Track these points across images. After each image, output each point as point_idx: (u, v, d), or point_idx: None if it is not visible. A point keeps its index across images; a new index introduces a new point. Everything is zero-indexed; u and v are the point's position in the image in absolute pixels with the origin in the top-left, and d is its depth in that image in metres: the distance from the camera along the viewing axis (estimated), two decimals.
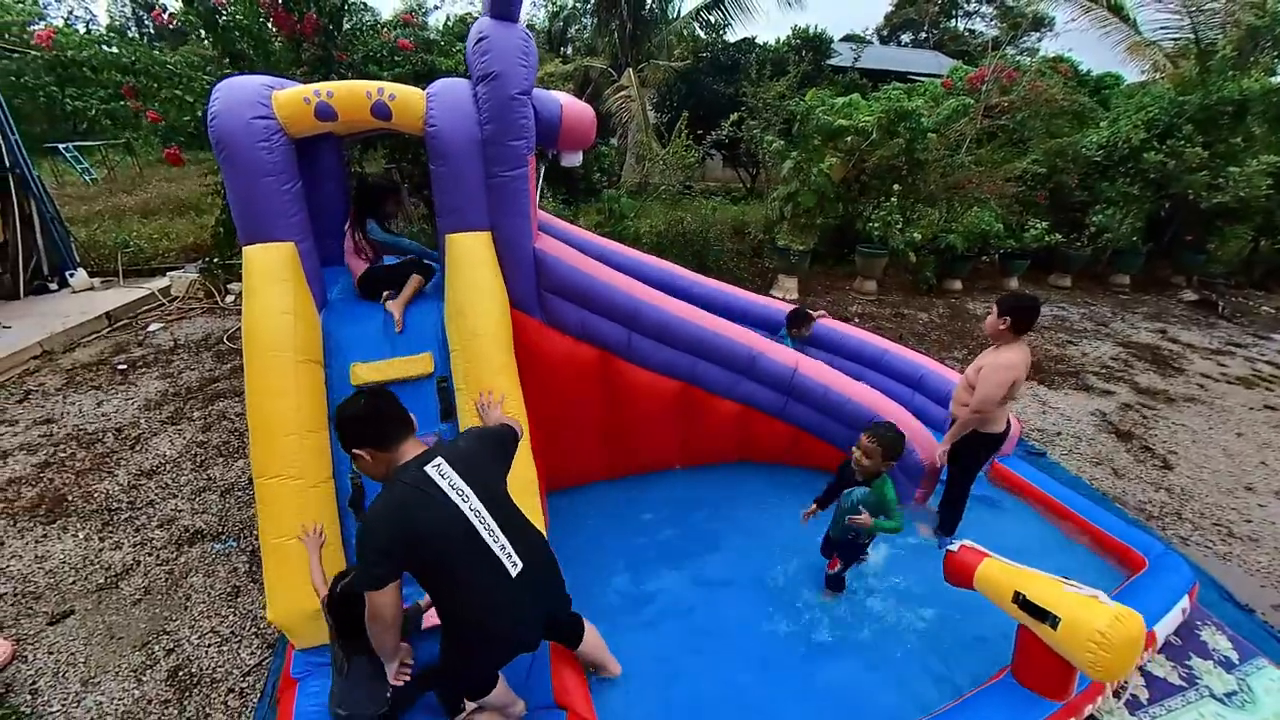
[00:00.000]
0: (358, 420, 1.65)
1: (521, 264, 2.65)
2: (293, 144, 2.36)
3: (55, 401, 4.67)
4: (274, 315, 2.26)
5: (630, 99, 9.76)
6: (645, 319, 3.02)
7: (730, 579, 2.97)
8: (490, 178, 2.42)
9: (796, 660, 2.52)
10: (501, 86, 2.27)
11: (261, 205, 2.29)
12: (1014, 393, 2.81)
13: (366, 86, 2.30)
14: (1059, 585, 1.96)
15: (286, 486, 2.13)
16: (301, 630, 2.10)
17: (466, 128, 2.33)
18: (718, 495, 3.58)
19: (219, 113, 2.19)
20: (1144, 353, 6.34)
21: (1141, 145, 7.58)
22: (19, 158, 6.38)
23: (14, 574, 3.09)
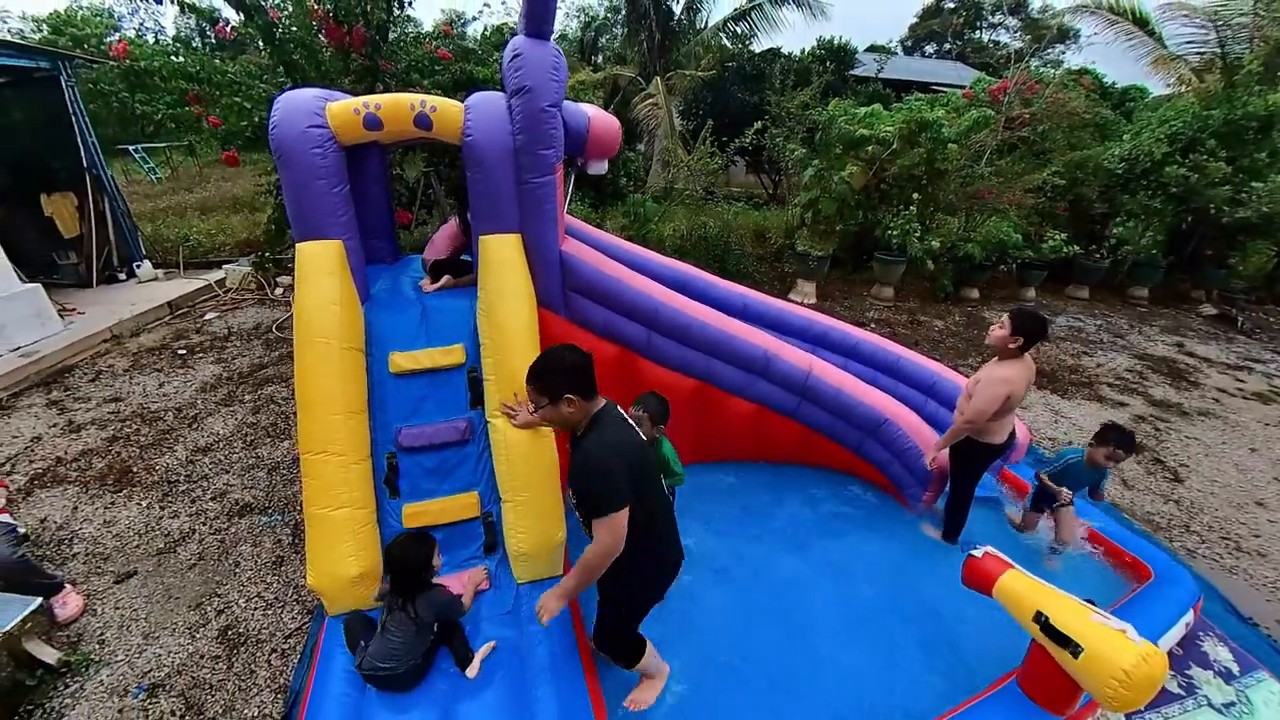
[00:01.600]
0: (579, 369, 1.72)
1: (548, 265, 2.73)
2: (343, 151, 2.48)
3: (122, 381, 4.94)
4: (323, 306, 2.39)
5: (658, 106, 9.80)
6: (664, 319, 3.08)
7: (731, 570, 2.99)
8: (521, 184, 2.51)
9: (794, 653, 2.51)
10: (533, 99, 2.35)
11: (314, 206, 2.42)
12: (1010, 405, 2.72)
13: (410, 99, 2.41)
14: (1086, 612, 1.87)
15: (330, 462, 2.25)
16: (337, 596, 2.22)
17: (500, 138, 2.41)
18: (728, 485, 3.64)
19: (279, 122, 2.32)
20: (1159, 365, 6.15)
21: (1164, 159, 7.32)
22: (96, 160, 6.72)
23: (85, 536, 3.30)
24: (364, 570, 2.22)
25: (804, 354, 3.57)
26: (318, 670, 2.13)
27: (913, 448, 3.32)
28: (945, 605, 2.73)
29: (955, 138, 6.94)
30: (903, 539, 3.26)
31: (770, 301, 4.28)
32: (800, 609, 2.73)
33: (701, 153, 7.45)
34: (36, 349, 5.27)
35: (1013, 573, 2.12)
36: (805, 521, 3.38)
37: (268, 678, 2.49)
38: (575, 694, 1.96)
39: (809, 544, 3.17)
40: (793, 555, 3.08)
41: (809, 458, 3.80)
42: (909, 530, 3.35)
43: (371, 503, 2.36)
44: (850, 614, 2.71)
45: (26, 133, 6.68)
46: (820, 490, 3.65)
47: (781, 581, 2.90)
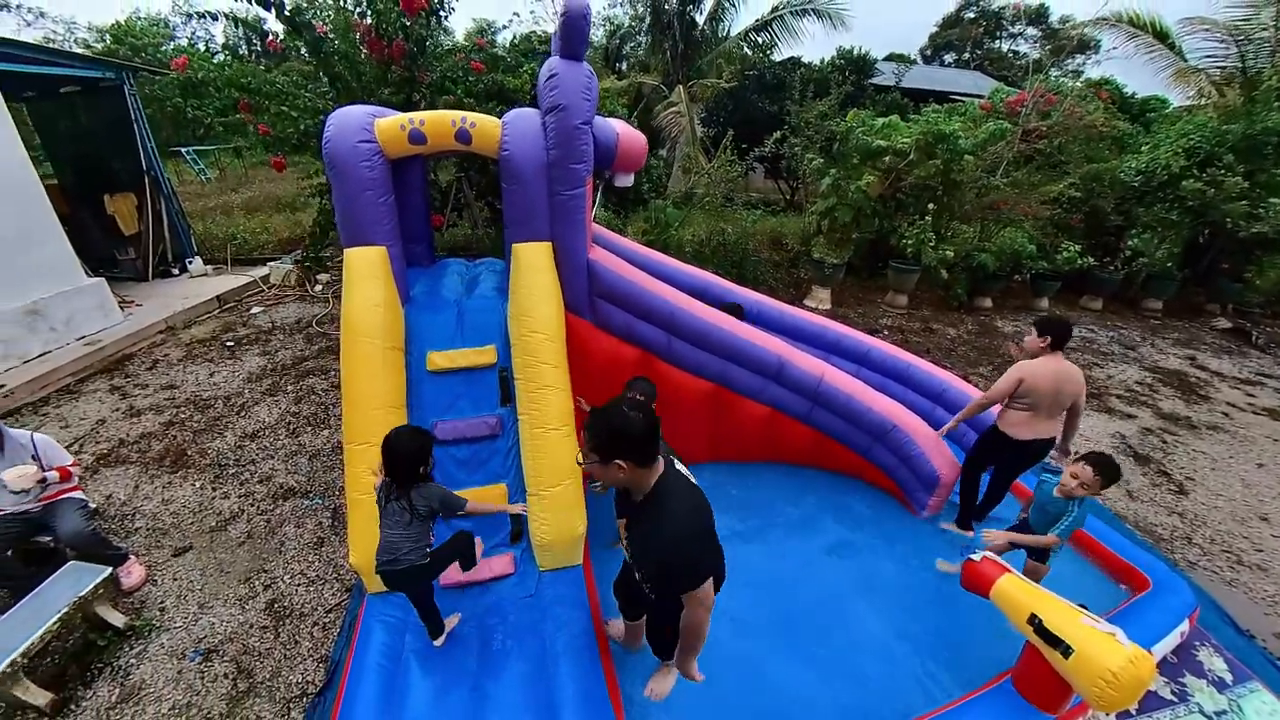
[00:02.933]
0: (637, 438, 1.51)
1: (576, 271, 2.83)
2: (389, 164, 2.59)
3: (177, 370, 5.16)
4: (368, 307, 2.51)
5: (680, 114, 9.84)
6: (682, 324, 3.15)
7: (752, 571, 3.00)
8: (553, 196, 2.60)
9: (796, 647, 2.55)
10: (567, 117, 2.44)
11: (362, 214, 2.54)
12: (1027, 395, 2.83)
13: (452, 116, 2.51)
14: (1077, 615, 1.92)
15: (371, 452, 2.36)
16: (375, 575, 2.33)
17: (535, 153, 2.51)
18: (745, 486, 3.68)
19: (332, 137, 2.44)
20: (1170, 378, 6.03)
21: (1181, 173, 7.15)
22: (154, 163, 7.00)
23: (146, 512, 3.49)
24: None
25: (817, 361, 3.62)
26: (357, 644, 2.25)
27: (919, 454, 3.36)
28: (945, 607, 2.76)
29: (972, 149, 6.87)
30: (905, 542, 3.28)
31: (785, 309, 4.34)
32: (801, 609, 2.76)
33: (723, 160, 7.48)
34: (100, 338, 5.53)
35: (1009, 577, 2.17)
36: (808, 523, 3.41)
37: (310, 648, 2.63)
38: (592, 675, 2.05)
39: (810, 545, 3.21)
40: (794, 556, 3.10)
41: (818, 461, 3.84)
42: (912, 533, 3.36)
43: None
44: (851, 614, 2.75)
45: (92, 137, 6.98)
46: (826, 493, 3.68)
47: (781, 582, 2.91)
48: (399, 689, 2.08)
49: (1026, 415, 2.90)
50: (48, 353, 5.23)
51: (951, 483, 3.38)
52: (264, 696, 2.46)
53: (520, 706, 1.98)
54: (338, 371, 5.13)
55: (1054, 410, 2.91)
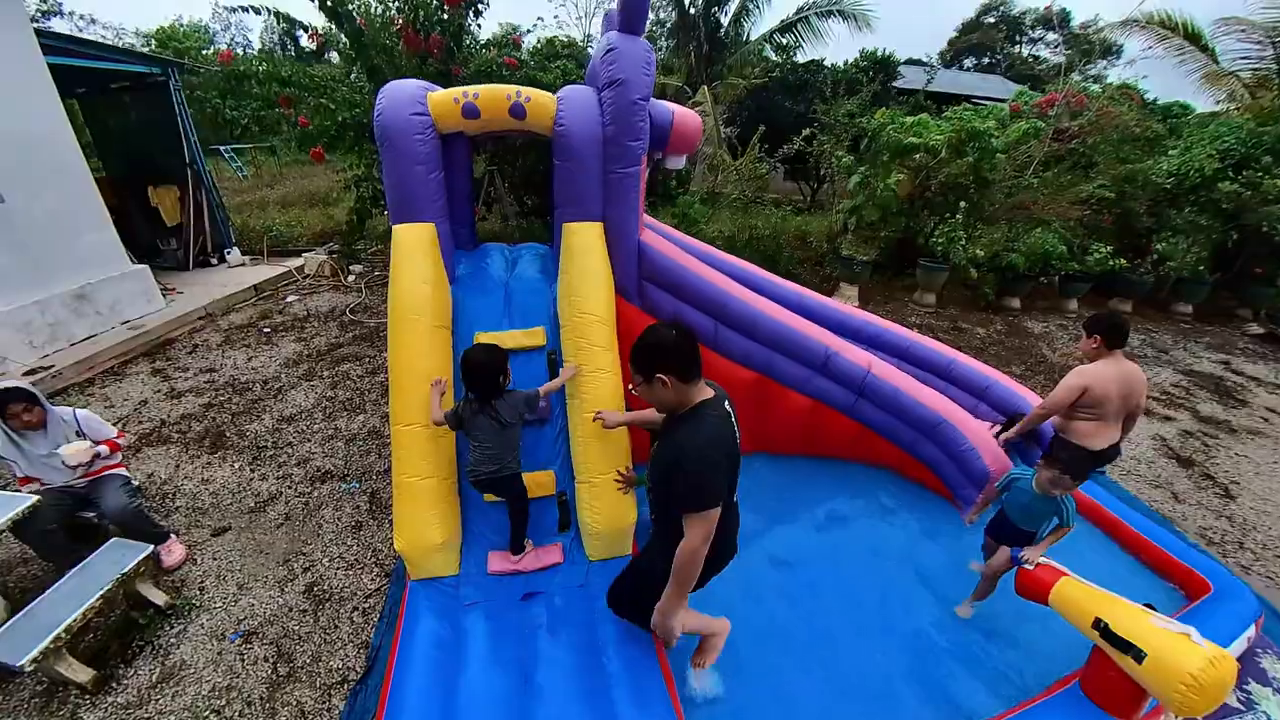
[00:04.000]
0: (677, 348, 1.55)
1: (627, 253, 2.67)
2: (440, 139, 2.46)
3: (216, 355, 5.11)
4: (416, 284, 2.37)
5: (705, 113, 9.67)
6: (732, 311, 2.99)
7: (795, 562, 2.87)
8: (608, 173, 2.45)
9: (850, 644, 2.39)
10: (626, 92, 2.29)
11: (412, 189, 2.41)
12: (1094, 403, 2.58)
13: (506, 90, 2.37)
14: (1145, 617, 1.76)
15: (418, 434, 2.23)
16: (421, 561, 2.20)
17: (591, 128, 2.36)
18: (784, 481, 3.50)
19: (384, 109, 2.31)
20: (1206, 382, 5.72)
21: (1215, 175, 6.81)
22: (196, 156, 6.99)
23: (186, 492, 3.40)
24: (446, 538, 2.19)
25: (863, 353, 3.43)
26: (403, 632, 2.11)
27: (970, 449, 3.14)
28: (994, 610, 2.56)
29: (1003, 148, 6.61)
30: (950, 540, 3.08)
31: (827, 301, 4.14)
32: (842, 610, 2.58)
33: (750, 158, 7.29)
34: (143, 323, 5.51)
35: (1068, 580, 2.00)
36: (851, 519, 3.22)
37: (350, 633, 2.50)
38: (647, 669, 1.89)
39: (853, 543, 3.03)
40: (835, 554, 2.93)
41: (862, 454, 3.63)
42: (956, 532, 3.13)
43: (454, 474, 2.33)
44: (894, 616, 2.56)
45: (138, 131, 7.01)
46: (869, 488, 3.49)
47: (822, 581, 2.74)
48: (447, 678, 1.93)
49: (1096, 425, 2.64)
50: (94, 336, 5.22)
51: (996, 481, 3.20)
52: (304, 681, 2.33)
53: (572, 697, 1.82)
54: (372, 358, 5.06)
55: (1121, 414, 2.68)
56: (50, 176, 5.00)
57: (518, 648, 2.01)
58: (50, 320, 4.97)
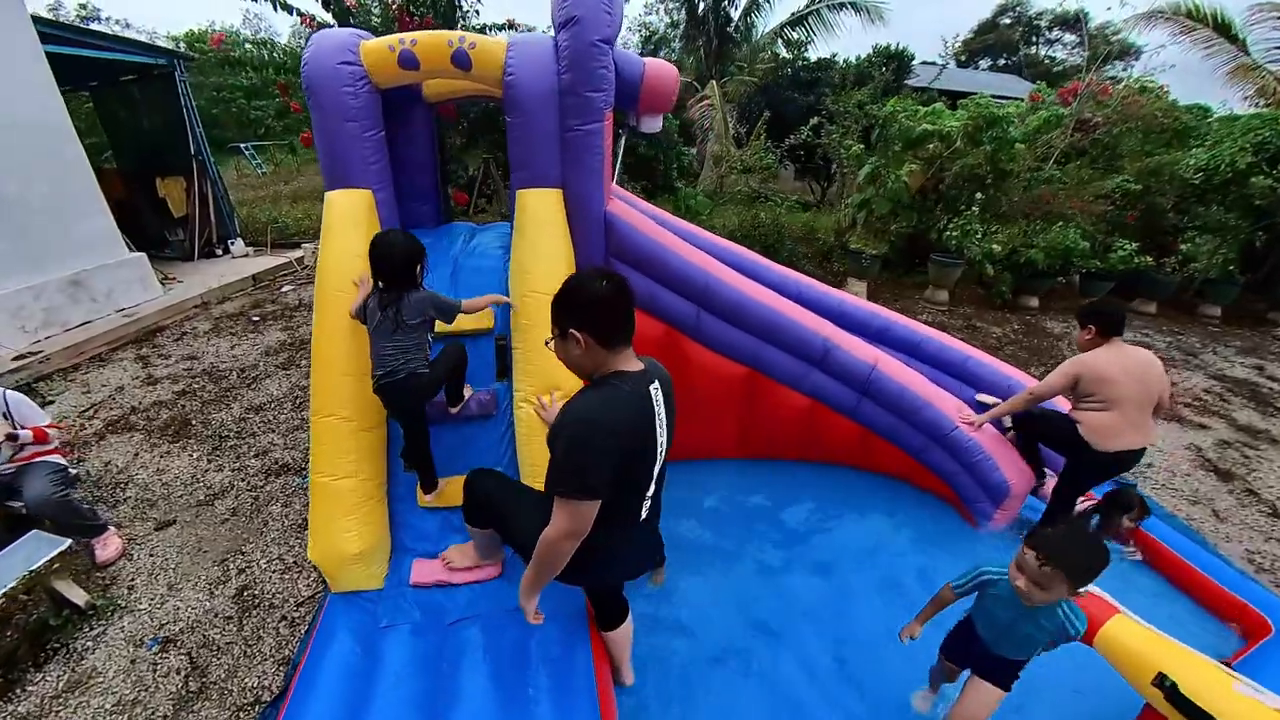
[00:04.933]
0: (599, 302, 1.23)
1: (591, 225, 2.28)
2: (378, 94, 2.11)
3: (201, 342, 4.89)
4: (347, 258, 2.03)
5: (712, 106, 9.25)
6: (717, 296, 2.56)
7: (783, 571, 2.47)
8: (565, 131, 2.06)
9: (838, 674, 2.00)
10: (582, 32, 1.90)
11: (344, 150, 2.06)
12: (1091, 391, 2.31)
13: (449, 35, 2.01)
14: (1228, 681, 1.33)
15: (338, 427, 1.88)
16: (337, 574, 1.85)
17: (544, 77, 1.98)
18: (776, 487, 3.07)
19: (309, 58, 1.97)
20: (1240, 388, 5.09)
21: (1248, 169, 6.13)
22: (202, 148, 6.83)
23: (139, 482, 3.13)
24: (365, 548, 1.84)
25: (869, 347, 2.96)
26: (313, 649, 1.77)
27: (985, 459, 2.69)
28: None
29: (1022, 137, 6.05)
30: (963, 557, 2.59)
31: (829, 291, 3.68)
32: (845, 634, 2.17)
33: (756, 147, 6.84)
34: (137, 310, 5.32)
35: (1121, 619, 1.54)
36: (852, 533, 2.78)
37: (273, 646, 2.16)
38: (582, 700, 1.51)
39: (855, 558, 2.59)
40: (833, 571, 2.50)
41: (866, 462, 3.20)
42: (969, 548, 2.68)
43: (381, 475, 1.98)
44: (882, 641, 2.11)
45: (147, 123, 6.87)
46: (874, 499, 3.04)
47: (821, 603, 2.32)
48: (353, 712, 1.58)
49: (1110, 417, 2.29)
50: (88, 322, 5.04)
51: (1023, 494, 2.71)
52: (214, 700, 2.01)
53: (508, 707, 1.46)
54: None
55: (1144, 407, 2.31)
56: (47, 164, 4.82)
57: (434, 680, 1.64)
58: (44, 306, 4.79)
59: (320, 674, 1.67)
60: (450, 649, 1.70)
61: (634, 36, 16.48)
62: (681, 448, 3.11)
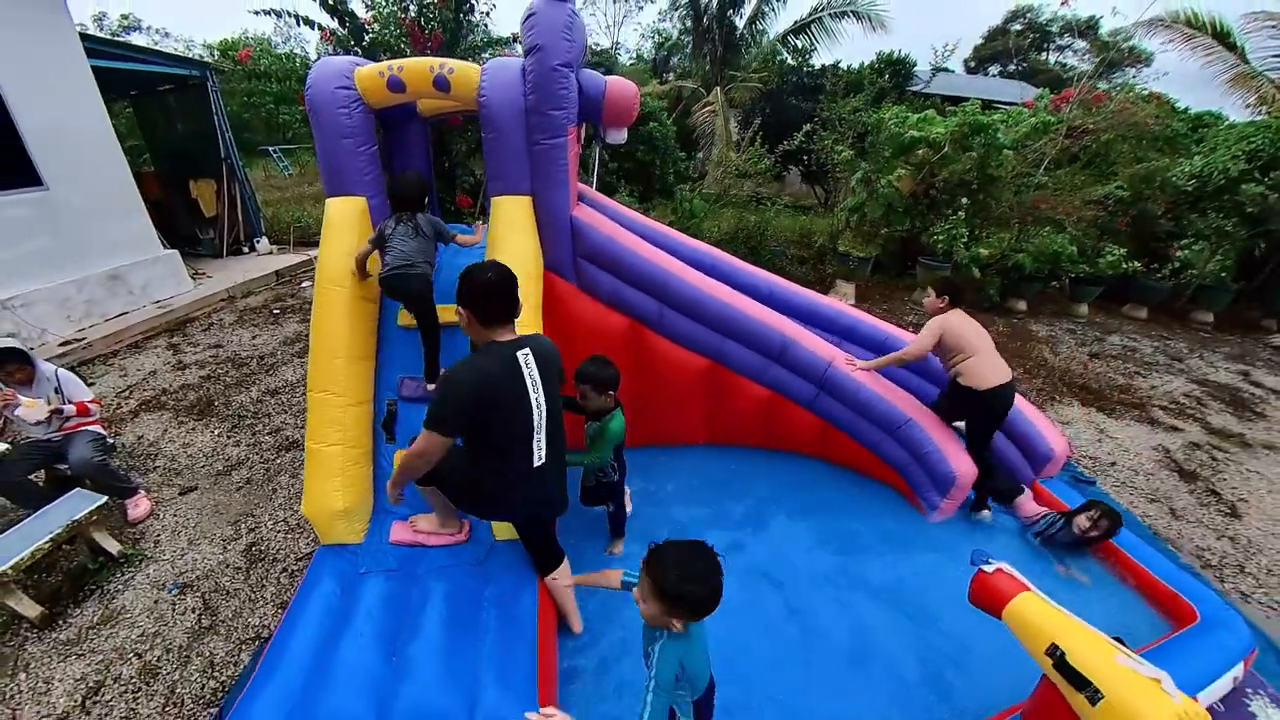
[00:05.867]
0: (482, 287, 1.60)
1: (558, 228, 2.52)
2: (371, 114, 2.38)
3: (226, 332, 5.26)
4: (342, 256, 2.30)
5: (714, 113, 9.42)
6: (674, 292, 2.77)
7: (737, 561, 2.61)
8: (533, 145, 2.31)
9: (784, 659, 2.14)
10: (544, 58, 2.13)
11: (341, 163, 2.33)
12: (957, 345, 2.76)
13: (430, 62, 2.27)
14: (1111, 652, 1.44)
15: (329, 401, 2.15)
16: (325, 527, 2.12)
17: (513, 98, 2.22)
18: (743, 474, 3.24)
19: (312, 83, 2.25)
20: (1220, 392, 5.10)
21: (1240, 176, 6.09)
22: (231, 152, 7.25)
23: (167, 454, 3.47)
24: (349, 505, 2.10)
25: (828, 345, 3.13)
26: (299, 593, 2.03)
27: (935, 451, 2.86)
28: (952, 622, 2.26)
29: (1011, 143, 6.11)
30: (910, 545, 2.78)
31: (798, 290, 3.84)
32: (792, 619, 2.31)
33: (751, 153, 7.01)
34: (170, 303, 5.73)
35: (1028, 595, 1.66)
36: (806, 520, 2.92)
37: (274, 593, 2.46)
38: (521, 653, 1.74)
39: (806, 544, 2.74)
40: (787, 559, 2.63)
41: (823, 452, 3.36)
42: (919, 537, 2.85)
43: (366, 443, 2.25)
44: (847, 626, 2.29)
45: (181, 129, 7.32)
46: (827, 488, 3.19)
47: (772, 588, 2.46)
48: (326, 642, 1.84)
49: (977, 361, 2.76)
50: (126, 313, 5.45)
51: (969, 485, 2.87)
52: (222, 635, 2.31)
53: (438, 675, 1.69)
54: None
55: (995, 352, 2.80)
56: (91, 168, 5.23)
57: (399, 617, 1.90)
58: (86, 298, 5.22)
59: (305, 611, 1.94)
60: (417, 593, 1.96)
61: (646, 44, 16.67)
62: (652, 433, 3.38)
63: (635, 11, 18.90)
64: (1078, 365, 5.53)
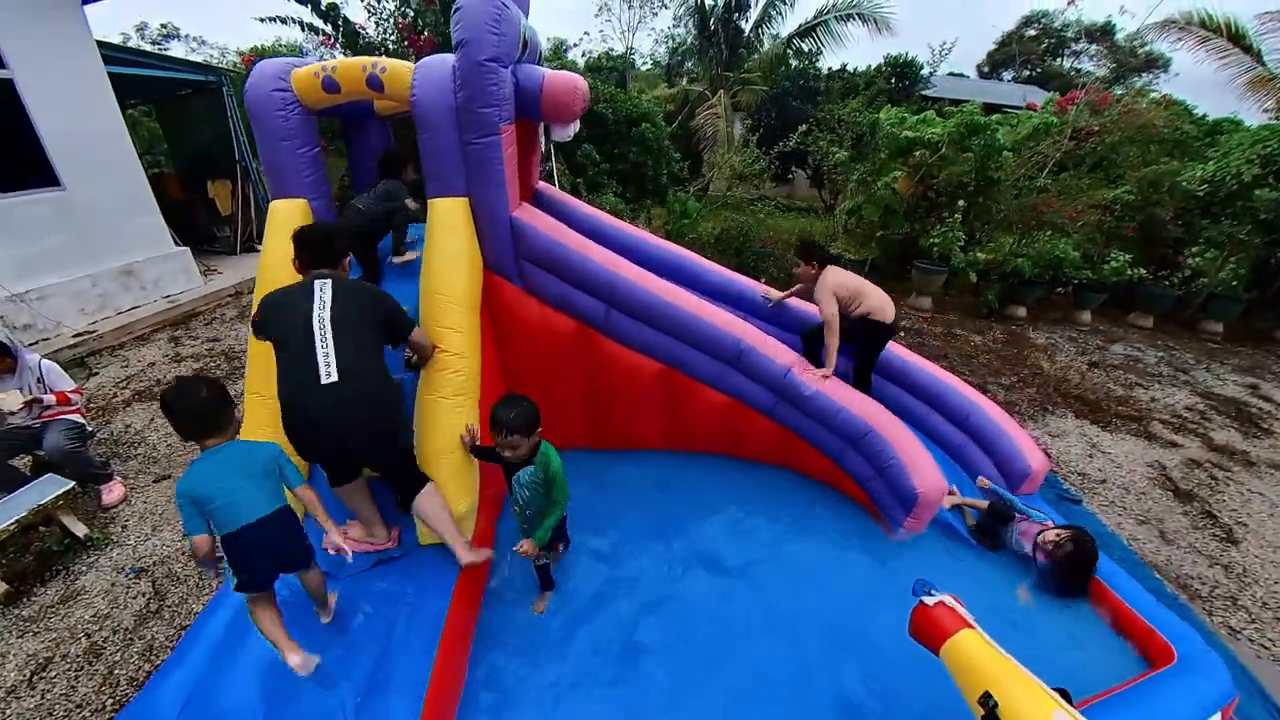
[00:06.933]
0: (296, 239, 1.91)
1: (498, 230, 2.43)
2: (311, 115, 2.35)
3: (225, 327, 5.38)
4: (281, 261, 2.26)
5: (717, 115, 9.25)
6: (621, 294, 2.64)
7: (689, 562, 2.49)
8: (466, 145, 2.23)
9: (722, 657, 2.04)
10: (471, 53, 2.04)
11: (280, 164, 2.30)
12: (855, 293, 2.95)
13: (363, 61, 2.21)
14: (1049, 709, 1.28)
15: (264, 404, 2.14)
16: None
17: (443, 96, 2.13)
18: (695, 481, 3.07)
19: (249, 86, 2.22)
20: (1227, 407, 4.73)
21: (1254, 182, 5.65)
22: (244, 154, 7.44)
23: (149, 442, 3.55)
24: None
25: (789, 351, 2.94)
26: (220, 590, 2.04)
27: (896, 464, 2.62)
28: (896, 651, 2.03)
29: (1011, 146, 5.81)
30: (867, 564, 2.55)
31: (770, 292, 3.69)
32: (727, 634, 2.16)
33: (746, 156, 6.85)
34: (179, 298, 5.88)
35: (969, 634, 1.49)
36: (755, 535, 2.71)
37: (219, 583, 2.48)
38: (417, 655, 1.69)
39: (753, 560, 2.53)
40: (726, 573, 2.44)
41: (787, 461, 3.17)
42: (879, 553, 2.62)
43: None
44: (791, 646, 2.12)
45: (200, 132, 7.54)
46: (785, 497, 2.98)
47: (707, 602, 2.30)
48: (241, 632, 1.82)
49: (877, 297, 2.95)
50: (136, 307, 5.62)
51: (934, 502, 2.60)
52: (165, 620, 2.33)
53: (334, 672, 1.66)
54: None
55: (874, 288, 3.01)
56: (106, 169, 5.38)
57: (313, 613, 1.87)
58: (100, 292, 5.39)
59: (224, 602, 1.93)
60: (343, 589, 1.93)
61: (660, 48, 16.55)
62: (608, 436, 3.28)
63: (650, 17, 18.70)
64: (1075, 374, 5.22)
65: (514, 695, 1.84)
